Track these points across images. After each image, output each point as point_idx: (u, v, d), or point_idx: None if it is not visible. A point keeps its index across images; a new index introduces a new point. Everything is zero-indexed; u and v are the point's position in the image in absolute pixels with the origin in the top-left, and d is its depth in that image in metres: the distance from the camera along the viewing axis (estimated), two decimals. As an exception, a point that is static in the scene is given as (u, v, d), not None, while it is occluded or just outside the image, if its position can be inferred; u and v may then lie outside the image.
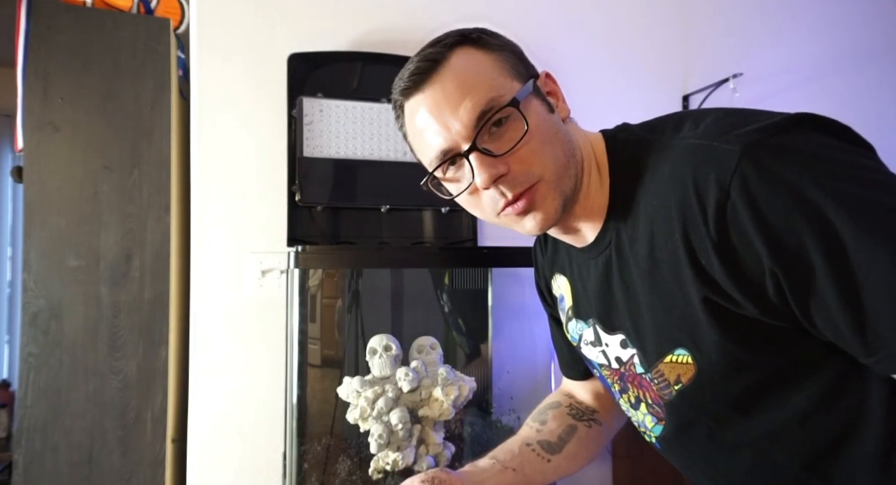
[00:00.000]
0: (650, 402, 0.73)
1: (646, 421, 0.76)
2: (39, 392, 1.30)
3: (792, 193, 0.52)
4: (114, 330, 1.35)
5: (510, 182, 0.64)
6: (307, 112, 1.40)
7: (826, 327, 0.54)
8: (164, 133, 1.42)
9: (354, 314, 1.44)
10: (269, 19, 1.50)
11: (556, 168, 0.65)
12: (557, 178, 0.65)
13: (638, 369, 0.72)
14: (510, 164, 0.64)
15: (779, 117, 0.57)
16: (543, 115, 0.66)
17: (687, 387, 0.66)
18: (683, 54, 1.87)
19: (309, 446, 1.29)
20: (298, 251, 1.25)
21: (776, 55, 2.03)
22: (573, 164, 0.67)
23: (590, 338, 0.79)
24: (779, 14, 2.06)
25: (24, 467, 1.27)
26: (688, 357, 0.64)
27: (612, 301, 0.72)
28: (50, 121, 1.34)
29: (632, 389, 0.75)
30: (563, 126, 0.69)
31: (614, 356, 0.75)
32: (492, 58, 0.66)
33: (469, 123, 0.63)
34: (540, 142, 0.64)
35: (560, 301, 0.87)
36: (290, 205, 1.41)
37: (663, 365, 0.67)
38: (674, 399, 0.69)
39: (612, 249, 0.69)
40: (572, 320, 0.83)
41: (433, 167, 0.68)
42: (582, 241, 0.75)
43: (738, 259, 0.55)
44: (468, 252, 1.45)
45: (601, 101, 1.76)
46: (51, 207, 1.33)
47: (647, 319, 0.67)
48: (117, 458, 1.34)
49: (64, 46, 1.36)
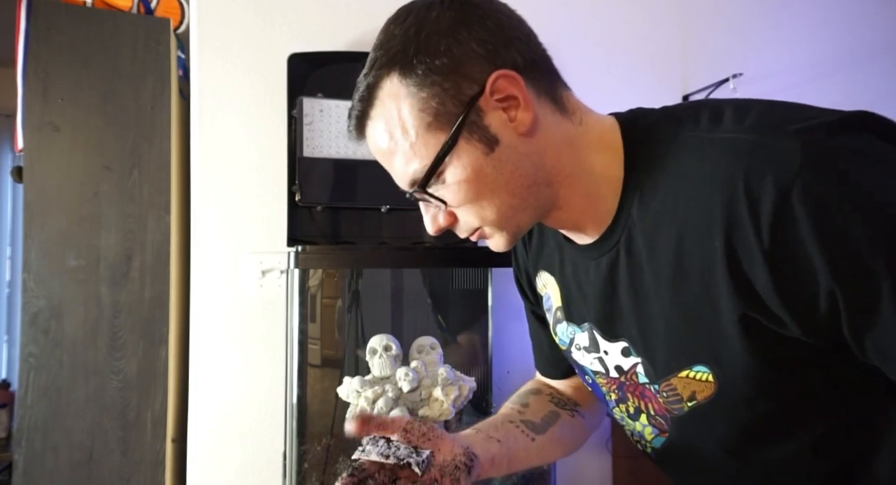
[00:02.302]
0: (653, 413, 0.68)
1: (644, 432, 0.71)
2: (39, 392, 1.30)
3: (864, 205, 0.47)
4: (114, 330, 1.35)
5: (456, 228, 0.65)
6: (307, 112, 1.40)
7: (877, 354, 0.50)
8: (164, 133, 1.42)
9: (354, 314, 1.44)
10: (269, 19, 1.50)
11: (498, 215, 0.62)
12: (502, 221, 0.62)
13: (641, 379, 0.67)
14: (455, 212, 0.63)
15: (836, 115, 0.52)
16: (474, 164, 0.59)
17: (701, 405, 0.61)
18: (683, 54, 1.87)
19: (309, 446, 1.29)
20: (298, 251, 1.25)
21: (776, 55, 2.03)
22: (531, 195, 0.62)
23: (584, 343, 0.73)
24: (779, 14, 2.06)
25: (24, 467, 1.27)
26: (708, 375, 0.59)
27: (616, 307, 0.66)
28: (50, 121, 1.34)
29: (632, 399, 0.70)
30: (520, 148, 0.60)
31: (614, 365, 0.70)
32: (414, 100, 0.58)
33: (404, 186, 0.64)
34: (474, 196, 0.60)
35: (545, 300, 0.81)
36: (290, 205, 1.41)
37: (676, 380, 0.62)
38: (684, 415, 0.63)
39: (622, 250, 0.63)
40: (562, 323, 0.77)
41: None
42: (581, 237, 0.68)
43: (791, 273, 0.49)
44: (468, 252, 1.45)
45: (601, 102, 1.75)
46: (51, 207, 1.33)
47: (660, 331, 0.61)
48: (117, 458, 1.34)
49: (64, 46, 1.36)
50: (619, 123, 0.65)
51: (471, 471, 0.65)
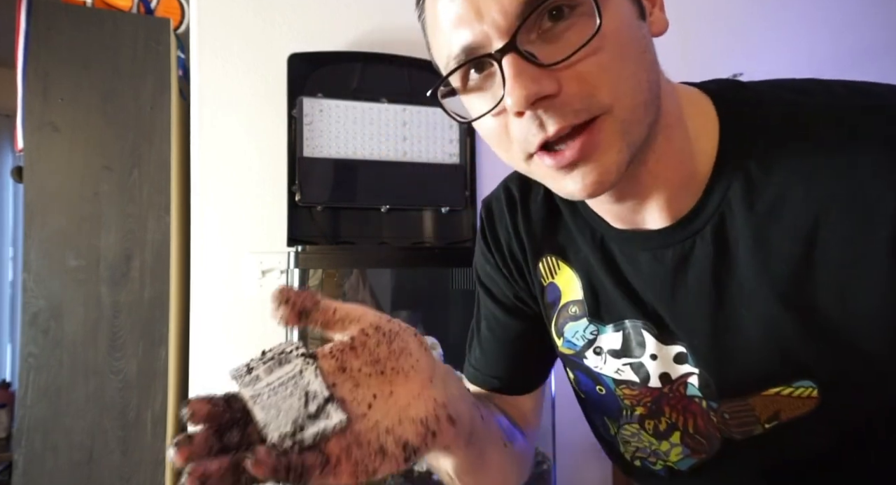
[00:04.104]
0: (691, 431, 0.57)
1: (670, 452, 0.60)
2: (39, 392, 1.30)
3: None
4: (114, 330, 1.35)
5: (558, 109, 0.43)
6: (307, 112, 1.40)
7: None
8: (164, 133, 1.42)
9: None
10: (269, 19, 1.50)
11: (632, 100, 0.44)
12: (631, 115, 0.45)
13: (690, 391, 0.56)
14: (563, 81, 0.42)
15: None
16: (629, 18, 0.45)
17: (783, 425, 0.51)
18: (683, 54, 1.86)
19: (309, 446, 1.29)
20: (298, 251, 1.25)
21: (776, 55, 2.03)
22: (653, 105, 0.47)
23: (611, 346, 0.60)
24: (779, 14, 2.06)
25: (24, 467, 1.27)
26: (812, 390, 0.49)
27: (679, 306, 0.54)
28: (50, 121, 1.34)
29: (669, 414, 0.58)
30: (654, 46, 0.47)
31: (660, 372, 0.57)
32: None
33: (512, 8, 0.42)
34: (617, 55, 0.43)
35: (548, 293, 0.64)
36: (290, 205, 1.41)
37: (758, 398, 0.51)
38: (752, 438, 0.53)
39: (705, 240, 0.51)
40: (578, 321, 0.62)
41: (448, 70, 0.46)
42: (634, 219, 0.54)
43: None
44: (468, 252, 1.44)
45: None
46: (51, 207, 1.33)
47: (751, 340, 0.50)
48: (117, 458, 1.34)
49: (64, 46, 1.36)
50: (704, 92, 0.53)
51: (425, 446, 0.39)
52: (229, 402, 0.36)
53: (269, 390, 0.35)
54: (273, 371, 0.36)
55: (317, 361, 0.37)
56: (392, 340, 0.40)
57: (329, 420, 0.35)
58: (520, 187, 0.65)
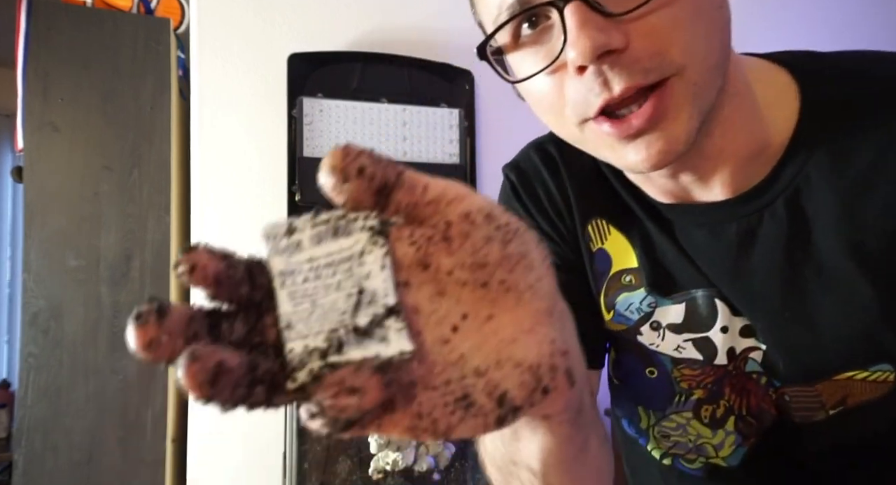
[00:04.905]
0: (744, 413, 0.52)
1: (724, 443, 0.54)
2: (39, 392, 1.30)
3: None
4: (114, 330, 1.35)
5: (626, 66, 0.38)
6: (307, 112, 1.40)
7: None
8: (164, 133, 1.42)
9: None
10: (269, 19, 1.50)
11: (705, 61, 0.40)
12: (704, 78, 0.40)
13: (749, 366, 0.51)
14: (632, 35, 0.38)
15: None
16: None
17: (847, 410, 0.48)
18: (683, 54, 1.87)
19: (309, 446, 1.29)
20: (298, 251, 1.24)
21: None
22: (723, 69, 0.43)
23: (672, 319, 0.53)
24: (779, 14, 2.06)
25: (24, 467, 1.27)
26: (889, 375, 0.46)
27: (745, 284, 0.50)
28: (50, 121, 1.34)
29: (728, 395, 0.53)
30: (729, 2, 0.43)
31: (727, 347, 0.52)
32: None
33: None
34: (692, 9, 0.39)
35: (598, 260, 0.57)
36: (290, 205, 1.41)
37: (828, 383, 0.48)
38: (814, 424, 0.50)
39: (781, 214, 0.47)
40: (634, 292, 0.55)
41: (498, 23, 0.42)
42: (683, 194, 0.50)
43: None
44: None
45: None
46: (51, 207, 1.33)
47: (829, 321, 0.47)
48: (117, 458, 1.34)
49: (64, 46, 1.36)
50: (774, 61, 0.50)
51: (529, 406, 0.24)
52: (251, 270, 0.26)
53: (310, 270, 0.24)
54: (322, 242, 0.24)
55: (389, 244, 0.23)
56: (509, 239, 0.25)
57: (385, 345, 0.22)
58: (557, 147, 0.58)
